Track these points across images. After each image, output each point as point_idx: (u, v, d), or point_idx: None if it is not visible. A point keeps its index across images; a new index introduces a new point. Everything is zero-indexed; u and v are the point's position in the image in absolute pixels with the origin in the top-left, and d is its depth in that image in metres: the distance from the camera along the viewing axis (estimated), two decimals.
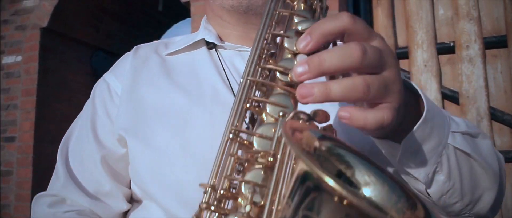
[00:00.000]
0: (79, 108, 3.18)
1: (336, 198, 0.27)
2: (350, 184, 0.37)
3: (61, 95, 3.34)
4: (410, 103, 0.52)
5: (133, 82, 0.74)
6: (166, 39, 0.86)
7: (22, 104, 3.15)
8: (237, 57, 0.74)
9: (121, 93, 0.74)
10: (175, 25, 4.38)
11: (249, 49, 0.71)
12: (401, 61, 2.79)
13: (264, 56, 0.47)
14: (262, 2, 0.70)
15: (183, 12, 4.17)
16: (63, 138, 0.81)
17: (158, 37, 4.43)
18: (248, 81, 0.46)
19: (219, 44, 0.76)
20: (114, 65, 0.84)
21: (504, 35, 2.53)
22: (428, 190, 0.56)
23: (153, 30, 4.27)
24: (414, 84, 0.55)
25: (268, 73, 0.46)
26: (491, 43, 2.56)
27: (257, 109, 0.45)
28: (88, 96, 3.06)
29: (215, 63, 0.74)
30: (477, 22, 2.58)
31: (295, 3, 0.48)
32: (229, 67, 0.73)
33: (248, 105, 0.45)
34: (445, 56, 2.70)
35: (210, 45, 0.76)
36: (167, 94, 0.71)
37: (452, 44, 2.64)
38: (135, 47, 0.84)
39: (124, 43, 3.98)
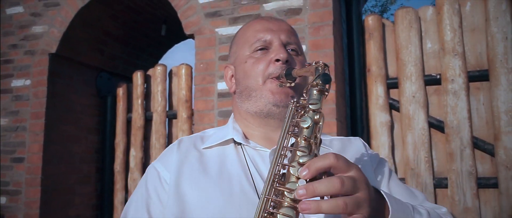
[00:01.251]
0: (85, 130, 3.36)
1: None
2: None
3: (68, 118, 3.48)
4: (381, 209, 0.71)
5: (178, 176, 0.92)
6: (202, 133, 1.05)
7: (31, 127, 3.28)
8: (258, 156, 0.93)
9: (170, 182, 0.92)
10: (175, 46, 4.54)
11: (267, 150, 0.93)
12: (391, 90, 2.99)
13: (276, 179, 0.69)
14: (278, 110, 0.92)
15: (182, 34, 4.35)
16: (124, 208, 0.97)
17: (159, 58, 4.58)
18: (266, 198, 0.67)
19: (245, 144, 0.95)
20: (161, 155, 1.01)
21: (486, 70, 2.73)
22: None
23: (154, 51, 4.43)
24: (384, 195, 0.73)
25: (281, 188, 0.69)
26: (474, 77, 2.76)
27: (271, 217, 0.67)
28: (93, 117, 3.25)
29: (241, 160, 0.92)
30: (462, 57, 2.78)
31: (298, 138, 0.70)
32: (251, 164, 0.92)
33: (265, 214, 0.67)
34: (432, 87, 2.89)
35: (239, 144, 0.96)
36: (205, 191, 0.88)
37: (438, 76, 2.84)
38: (178, 140, 1.02)
39: (127, 64, 4.13)
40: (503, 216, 2.57)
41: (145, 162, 3.70)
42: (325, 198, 0.63)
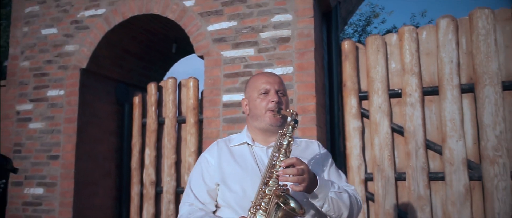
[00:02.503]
0: (107, 132, 4.26)
1: (286, 210, 1.33)
2: (290, 205, 1.38)
3: (93, 122, 4.13)
4: (315, 182, 1.47)
5: (219, 160, 1.69)
6: (229, 137, 1.81)
7: (65, 130, 3.93)
8: (259, 150, 1.69)
9: (214, 164, 1.68)
10: (181, 60, 5.20)
11: (264, 146, 1.70)
12: (362, 102, 3.67)
13: (271, 167, 1.48)
14: (272, 128, 1.65)
15: (188, 50, 5.01)
16: (188, 179, 1.73)
17: (167, 69, 5.25)
18: (266, 175, 1.47)
19: (252, 144, 1.71)
20: (207, 149, 1.78)
21: (437, 86, 3.43)
22: (321, 209, 1.52)
23: (163, 64, 5.09)
24: (316, 175, 1.50)
25: (272, 170, 1.47)
26: (428, 92, 3.46)
27: (267, 183, 1.46)
28: (113, 122, 4.15)
29: (251, 153, 1.68)
30: (418, 76, 3.47)
31: (281, 148, 1.49)
32: (257, 156, 1.67)
33: (265, 181, 1.44)
34: (395, 100, 3.59)
35: (249, 144, 1.71)
36: (233, 167, 1.65)
37: (399, 91, 3.53)
38: (216, 141, 1.78)
39: (141, 76, 4.79)
40: (447, 202, 3.26)
41: (158, 160, 4.35)
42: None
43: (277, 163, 1.48)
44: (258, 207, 1.44)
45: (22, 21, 4.32)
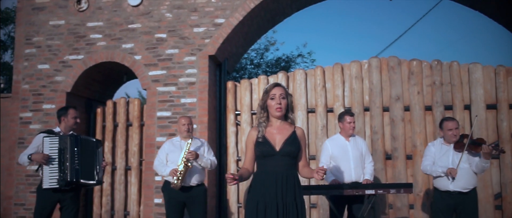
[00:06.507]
0: (81, 132, 7.36)
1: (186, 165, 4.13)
2: (187, 164, 4.20)
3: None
4: (198, 156, 4.34)
5: (170, 145, 4.42)
6: (176, 138, 4.55)
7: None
8: (184, 143, 4.45)
9: (166, 147, 4.40)
10: (128, 83, 7.74)
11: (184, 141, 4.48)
12: (237, 117, 6.50)
13: (185, 152, 4.30)
14: (186, 137, 4.42)
15: (131, 77, 7.52)
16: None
17: (117, 89, 7.75)
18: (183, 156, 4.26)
19: (181, 141, 4.49)
20: (169, 140, 4.49)
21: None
22: (201, 165, 4.42)
23: (115, 86, 7.58)
24: (199, 155, 4.39)
25: (185, 153, 4.28)
26: None
27: (183, 157, 4.24)
28: (84, 125, 7.21)
29: (180, 144, 4.46)
30: None
31: (187, 147, 4.32)
32: (181, 146, 4.48)
33: (183, 156, 4.26)
34: (254, 116, 6.45)
35: (180, 140, 4.46)
36: (175, 149, 4.41)
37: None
38: (172, 138, 4.63)
39: (101, 94, 7.25)
40: None
41: (113, 149, 6.84)
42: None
43: (185, 151, 4.18)
44: (181, 163, 4.18)
45: (23, 58, 6.59)
